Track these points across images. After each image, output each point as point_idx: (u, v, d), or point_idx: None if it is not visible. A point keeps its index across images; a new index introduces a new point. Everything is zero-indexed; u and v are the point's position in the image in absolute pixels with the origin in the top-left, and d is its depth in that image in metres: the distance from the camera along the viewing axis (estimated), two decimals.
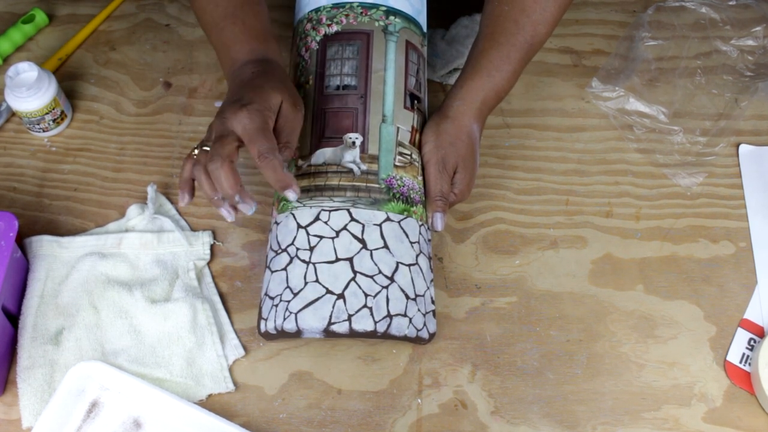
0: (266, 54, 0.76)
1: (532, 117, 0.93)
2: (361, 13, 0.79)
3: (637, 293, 0.82)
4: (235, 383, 0.77)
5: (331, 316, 0.70)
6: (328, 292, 0.70)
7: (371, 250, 0.72)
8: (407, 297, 0.72)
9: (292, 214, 0.74)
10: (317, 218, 0.73)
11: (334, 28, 0.79)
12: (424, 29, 0.84)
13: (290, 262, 0.72)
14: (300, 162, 0.76)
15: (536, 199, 0.88)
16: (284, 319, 0.71)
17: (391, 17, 0.80)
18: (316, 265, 0.71)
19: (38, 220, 0.86)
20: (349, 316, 0.70)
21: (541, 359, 0.78)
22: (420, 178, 0.77)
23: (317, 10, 0.80)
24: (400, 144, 0.76)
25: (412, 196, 0.75)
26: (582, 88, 0.95)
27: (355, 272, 0.71)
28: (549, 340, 0.79)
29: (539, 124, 0.93)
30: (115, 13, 1.03)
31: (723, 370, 0.78)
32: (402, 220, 0.74)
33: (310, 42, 0.80)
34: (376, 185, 0.74)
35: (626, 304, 0.81)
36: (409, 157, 0.76)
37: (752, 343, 0.79)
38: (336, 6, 0.80)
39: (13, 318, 0.79)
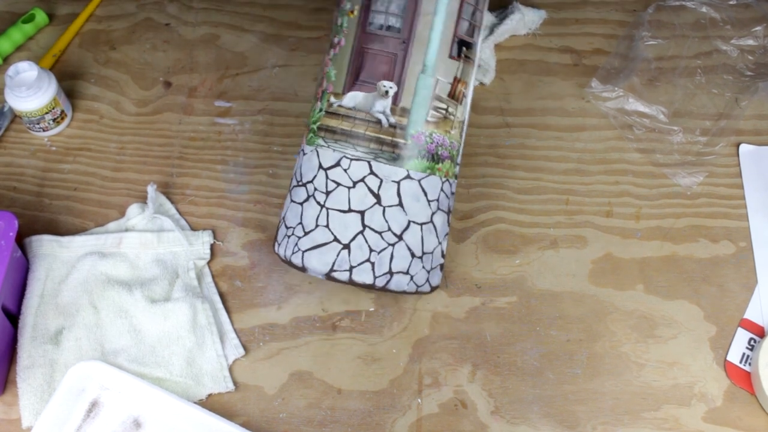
0: None
1: (532, 116, 0.93)
2: None
3: (637, 293, 0.82)
4: (235, 383, 0.77)
5: (334, 264, 0.71)
6: (336, 240, 0.71)
7: (384, 207, 0.71)
8: (413, 255, 0.72)
9: (317, 151, 0.73)
10: (338, 163, 0.72)
11: None
12: None
13: (307, 199, 0.73)
14: (332, 99, 0.74)
15: (536, 199, 0.88)
16: (293, 252, 0.72)
17: None
18: (329, 210, 0.71)
19: (38, 220, 0.86)
20: (351, 267, 0.70)
21: (541, 359, 0.78)
22: (453, 132, 0.74)
23: None
24: (436, 98, 0.73)
25: (440, 152, 0.73)
26: (582, 88, 0.95)
27: (364, 226, 0.71)
28: (549, 340, 0.79)
29: (539, 123, 0.93)
30: (115, 12, 1.03)
31: (723, 370, 0.78)
32: (423, 178, 0.72)
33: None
34: (402, 140, 0.71)
35: (626, 303, 0.81)
36: (444, 111, 0.73)
37: (752, 342, 0.79)
38: None
39: (13, 317, 0.79)
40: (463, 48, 0.74)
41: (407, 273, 0.72)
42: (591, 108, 0.94)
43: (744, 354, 0.78)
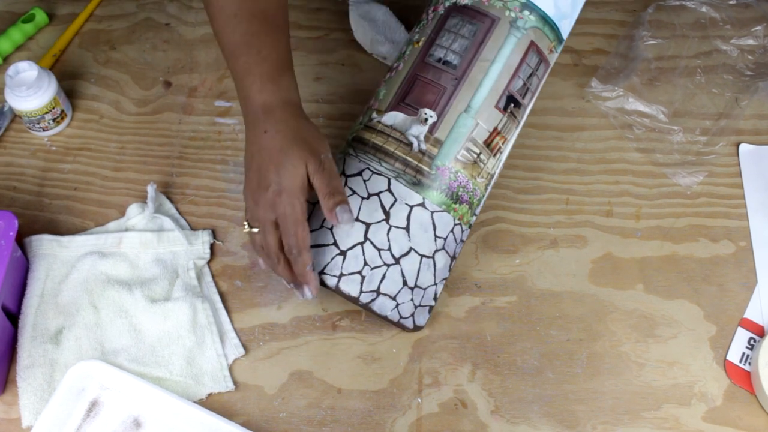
0: (277, 94, 0.72)
1: (532, 116, 0.93)
2: None
3: (637, 292, 0.82)
4: (235, 382, 0.77)
5: (326, 267, 0.71)
6: (335, 244, 0.71)
7: (391, 226, 0.71)
8: (405, 283, 0.72)
9: (344, 159, 0.74)
10: (360, 173, 0.73)
11: (466, 0, 0.75)
12: (564, 36, 0.78)
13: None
14: (374, 115, 0.75)
15: (536, 199, 0.88)
16: None
17: (526, 12, 0.74)
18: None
19: (38, 220, 0.86)
20: (341, 274, 0.71)
21: (541, 358, 0.78)
22: (479, 179, 0.75)
23: None
24: (471, 140, 0.74)
25: (460, 193, 0.74)
26: (582, 88, 0.95)
27: (366, 238, 0.71)
28: (549, 340, 0.79)
29: (539, 123, 0.93)
30: (115, 12, 1.03)
31: (723, 369, 0.78)
32: (437, 211, 0.73)
33: (440, 5, 0.76)
34: (427, 168, 0.72)
35: (626, 303, 0.81)
36: (476, 156, 0.74)
37: (752, 342, 0.79)
38: None
39: (13, 317, 0.79)
40: (511, 104, 0.75)
41: (394, 299, 0.72)
42: (591, 108, 0.94)
43: (744, 353, 0.78)
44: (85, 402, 0.74)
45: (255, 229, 0.71)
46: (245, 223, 0.72)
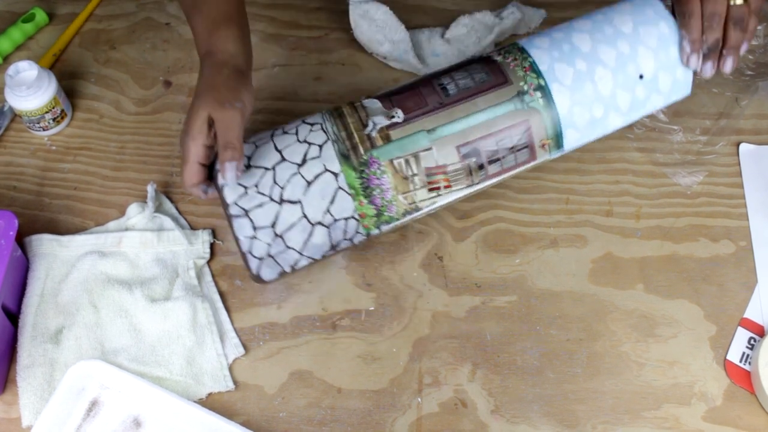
0: (212, 47, 0.76)
1: None
2: (525, 68, 0.75)
3: (637, 292, 0.82)
4: (235, 382, 0.77)
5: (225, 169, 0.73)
6: (248, 158, 0.74)
7: (298, 172, 0.73)
8: (273, 225, 0.73)
9: (317, 113, 0.78)
10: (312, 124, 0.76)
11: (498, 57, 0.77)
12: (565, 145, 0.77)
13: (271, 132, 0.77)
14: (363, 98, 0.77)
15: (536, 198, 0.88)
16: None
17: (538, 93, 0.74)
18: (271, 141, 0.76)
19: (38, 219, 0.86)
20: (233, 181, 0.73)
21: (541, 358, 0.78)
22: (401, 198, 0.75)
23: (516, 42, 0.79)
24: (416, 156, 0.74)
25: (375, 193, 0.74)
26: None
27: (273, 168, 0.73)
28: (549, 339, 0.79)
29: None
30: (115, 12, 1.03)
31: (723, 369, 0.78)
32: (343, 190, 0.73)
33: (485, 50, 0.78)
34: (362, 151, 0.74)
35: (626, 303, 0.81)
36: (411, 173, 0.74)
37: (752, 342, 0.79)
38: (521, 50, 0.77)
39: (13, 317, 0.79)
40: (473, 158, 0.75)
41: (254, 230, 0.73)
42: None
43: (744, 353, 0.78)
44: (85, 401, 0.74)
45: None
46: None
